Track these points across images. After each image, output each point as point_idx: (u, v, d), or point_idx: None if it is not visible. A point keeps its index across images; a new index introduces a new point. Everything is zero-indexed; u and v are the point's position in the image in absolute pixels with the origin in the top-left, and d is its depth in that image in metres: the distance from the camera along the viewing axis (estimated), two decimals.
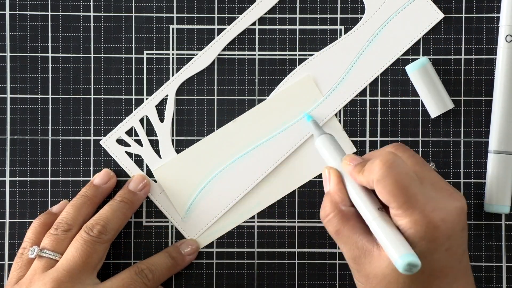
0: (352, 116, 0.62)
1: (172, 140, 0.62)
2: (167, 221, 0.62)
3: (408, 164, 0.53)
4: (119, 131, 0.62)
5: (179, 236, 0.62)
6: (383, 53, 0.61)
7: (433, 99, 0.61)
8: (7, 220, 0.62)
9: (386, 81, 0.62)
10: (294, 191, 0.62)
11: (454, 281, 0.53)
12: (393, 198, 0.51)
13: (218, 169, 0.61)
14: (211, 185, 0.61)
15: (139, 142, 0.62)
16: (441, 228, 0.51)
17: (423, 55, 0.62)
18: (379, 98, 0.62)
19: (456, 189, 0.54)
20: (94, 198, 0.60)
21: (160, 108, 0.62)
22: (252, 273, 0.62)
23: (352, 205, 0.54)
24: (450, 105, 0.61)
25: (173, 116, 0.62)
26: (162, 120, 0.62)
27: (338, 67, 0.62)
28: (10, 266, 0.62)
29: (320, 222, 0.62)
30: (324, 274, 0.62)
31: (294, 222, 0.62)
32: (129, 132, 0.62)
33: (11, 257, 0.62)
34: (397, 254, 0.49)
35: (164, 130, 0.62)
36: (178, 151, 0.62)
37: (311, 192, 0.62)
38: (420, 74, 0.60)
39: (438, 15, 0.61)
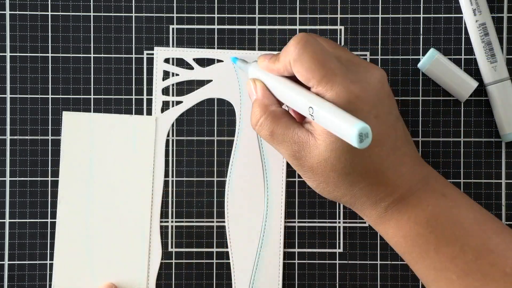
0: None
1: (172, 140, 0.62)
2: (167, 221, 0.62)
3: (322, 44, 0.54)
4: None
5: (179, 236, 0.62)
6: None
7: (457, 85, 0.61)
8: (7, 220, 0.62)
9: None
10: (294, 191, 0.62)
11: (394, 148, 0.54)
12: (312, 74, 0.52)
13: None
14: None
15: None
16: (364, 96, 0.52)
17: (423, 51, 0.62)
18: None
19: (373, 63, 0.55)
20: None
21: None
22: None
23: (281, 106, 0.55)
24: (475, 84, 0.61)
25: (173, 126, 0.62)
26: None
27: None
28: (10, 266, 0.62)
29: (321, 222, 0.62)
30: (324, 274, 0.62)
31: (294, 222, 0.62)
32: None
33: (11, 257, 0.62)
34: (348, 127, 0.47)
35: None
36: (178, 151, 0.62)
37: (311, 192, 0.62)
38: (434, 67, 0.60)
39: None
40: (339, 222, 0.62)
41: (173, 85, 0.62)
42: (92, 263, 0.62)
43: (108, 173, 0.62)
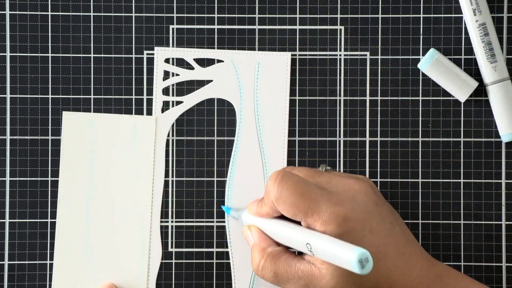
0: (352, 116, 0.62)
1: (172, 140, 0.62)
2: (167, 221, 0.62)
3: (299, 175, 0.54)
4: None
5: (179, 236, 0.62)
6: None
7: (457, 84, 0.61)
8: (7, 220, 0.62)
9: (386, 81, 0.62)
10: None
11: (399, 254, 0.53)
12: (296, 209, 0.52)
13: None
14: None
15: None
16: (353, 216, 0.52)
17: (423, 51, 0.62)
18: (379, 98, 0.62)
19: (354, 174, 0.55)
20: None
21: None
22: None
23: (279, 246, 0.55)
24: (475, 84, 0.61)
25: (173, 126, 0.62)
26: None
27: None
28: (10, 266, 0.62)
29: None
30: None
31: None
32: None
33: (11, 257, 0.62)
34: (347, 254, 0.47)
35: None
36: (178, 151, 0.62)
37: None
38: (434, 66, 0.60)
39: (287, 56, 0.61)
40: None
41: (173, 85, 0.62)
42: (92, 263, 0.62)
43: (108, 173, 0.62)
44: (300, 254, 0.54)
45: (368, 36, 0.62)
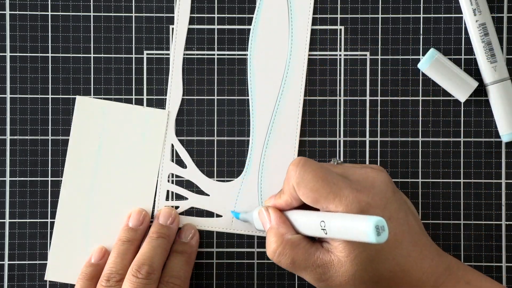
0: (352, 116, 0.62)
1: None
2: None
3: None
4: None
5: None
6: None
7: (457, 84, 0.61)
8: (7, 220, 0.62)
9: (386, 81, 0.62)
10: None
11: (413, 243, 0.53)
12: (318, 193, 0.52)
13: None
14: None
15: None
16: (373, 202, 0.52)
17: (423, 51, 0.62)
18: (379, 98, 0.62)
19: (367, 164, 0.56)
20: (135, 241, 0.59)
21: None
22: (252, 273, 0.62)
23: (296, 233, 0.55)
24: (475, 84, 0.61)
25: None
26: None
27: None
28: (10, 266, 0.62)
29: None
30: None
31: None
32: None
33: (11, 257, 0.62)
34: (364, 224, 0.47)
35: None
36: (177, 151, 0.62)
37: None
38: (434, 67, 0.60)
39: None
40: None
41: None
42: (88, 254, 0.61)
43: (114, 162, 0.62)
44: (318, 242, 0.54)
45: (368, 36, 0.62)
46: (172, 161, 0.62)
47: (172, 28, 0.62)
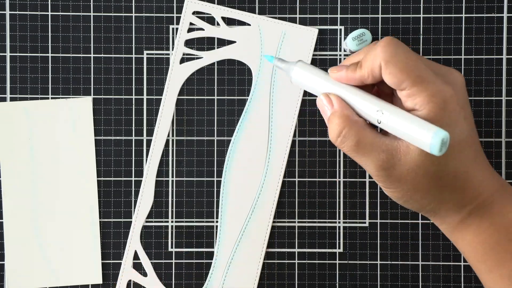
0: None
1: (172, 140, 0.62)
2: (167, 221, 0.62)
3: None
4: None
5: (179, 236, 0.62)
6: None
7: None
8: None
9: None
10: (294, 191, 0.62)
11: (478, 151, 0.53)
12: (406, 75, 0.50)
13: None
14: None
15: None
16: (455, 98, 0.51)
17: (423, 51, 0.62)
18: None
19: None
20: None
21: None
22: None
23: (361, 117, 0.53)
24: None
25: (173, 116, 0.62)
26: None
27: None
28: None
29: (321, 222, 0.62)
30: (324, 274, 0.62)
31: (294, 222, 0.62)
32: None
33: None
34: (429, 134, 0.47)
35: None
36: (177, 151, 0.62)
37: (311, 192, 0.62)
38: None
39: (314, 32, 0.61)
40: (339, 222, 0.62)
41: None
42: (45, 257, 0.61)
43: (50, 160, 0.61)
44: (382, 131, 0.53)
45: None
46: (167, 166, 0.62)
47: (172, 28, 0.62)
